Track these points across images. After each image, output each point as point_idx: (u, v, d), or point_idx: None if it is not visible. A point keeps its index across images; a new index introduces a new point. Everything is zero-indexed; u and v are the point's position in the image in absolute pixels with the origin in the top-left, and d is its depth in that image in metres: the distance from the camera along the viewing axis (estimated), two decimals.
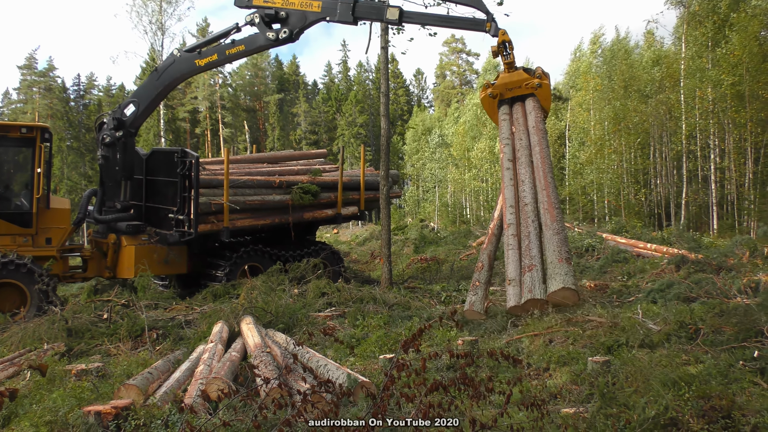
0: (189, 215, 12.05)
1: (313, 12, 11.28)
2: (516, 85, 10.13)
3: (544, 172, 9.32)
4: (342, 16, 11.01)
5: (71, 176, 53.11)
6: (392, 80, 64.77)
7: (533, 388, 5.45)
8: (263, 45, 11.99)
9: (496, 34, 9.95)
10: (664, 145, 30.66)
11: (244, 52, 12.25)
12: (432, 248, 22.54)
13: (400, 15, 10.63)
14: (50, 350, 7.65)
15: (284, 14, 11.51)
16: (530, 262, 8.53)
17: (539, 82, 9.90)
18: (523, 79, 10.01)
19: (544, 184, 9.19)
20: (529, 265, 8.51)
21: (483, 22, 10.09)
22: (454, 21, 10.50)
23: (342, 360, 6.96)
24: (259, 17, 11.65)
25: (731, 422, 4.10)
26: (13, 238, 11.14)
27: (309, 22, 11.46)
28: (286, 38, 11.57)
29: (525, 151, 9.71)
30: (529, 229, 8.87)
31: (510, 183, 9.52)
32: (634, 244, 17.07)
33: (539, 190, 9.20)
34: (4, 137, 11.33)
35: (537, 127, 9.74)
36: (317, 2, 11.23)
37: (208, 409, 4.75)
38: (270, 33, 11.59)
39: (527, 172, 9.45)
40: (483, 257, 9.69)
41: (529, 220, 8.95)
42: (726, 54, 24.58)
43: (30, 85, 61.62)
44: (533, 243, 8.71)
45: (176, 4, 33.94)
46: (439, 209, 46.91)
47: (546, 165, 9.41)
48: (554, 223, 8.73)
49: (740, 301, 7.55)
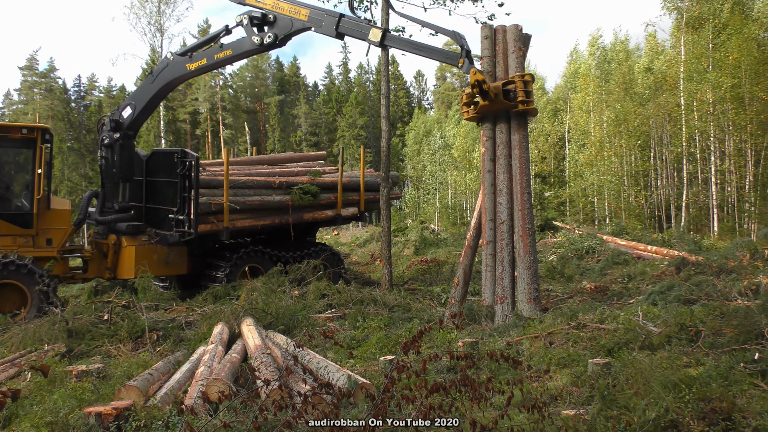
0: (189, 215, 12.06)
1: (299, 20, 11.25)
2: (499, 110, 9.26)
3: (521, 186, 9.00)
4: (326, 30, 10.95)
5: (72, 177, 53.10)
6: (393, 82, 64.85)
7: (534, 390, 5.45)
8: (249, 50, 11.94)
9: (467, 72, 9.15)
10: (665, 148, 30.68)
11: (231, 57, 12.20)
12: (432, 250, 22.56)
13: (382, 38, 10.43)
14: (51, 351, 7.65)
15: (272, 18, 11.48)
16: (502, 293, 8.86)
17: (523, 110, 9.04)
18: (505, 106, 9.10)
19: (520, 202, 8.97)
20: (501, 296, 8.86)
21: (456, 57, 9.53)
22: (429, 51, 10.20)
23: (342, 362, 6.96)
24: (248, 19, 11.64)
25: (732, 424, 4.10)
26: (14, 238, 11.15)
27: (295, 30, 11.39)
28: (271, 43, 11.51)
29: (505, 150, 9.24)
30: (503, 254, 8.98)
31: (490, 190, 9.24)
32: (635, 246, 17.08)
33: (515, 209, 9.00)
34: (5, 138, 11.34)
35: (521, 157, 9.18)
36: (305, 11, 11.20)
37: (208, 410, 4.75)
38: (255, 37, 11.57)
39: (505, 179, 9.12)
40: (459, 273, 9.70)
41: (504, 243, 9.00)
42: (725, 56, 24.60)
43: (31, 86, 61.73)
44: (506, 272, 8.93)
45: (174, 5, 34.02)
46: (439, 211, 46.91)
47: (524, 177, 9.04)
48: (527, 254, 8.85)
49: (741, 304, 7.54)
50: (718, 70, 25.09)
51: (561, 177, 40.03)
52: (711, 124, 26.39)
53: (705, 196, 27.57)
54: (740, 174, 25.95)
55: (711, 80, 25.21)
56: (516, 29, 9.34)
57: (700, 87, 25.91)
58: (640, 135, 31.03)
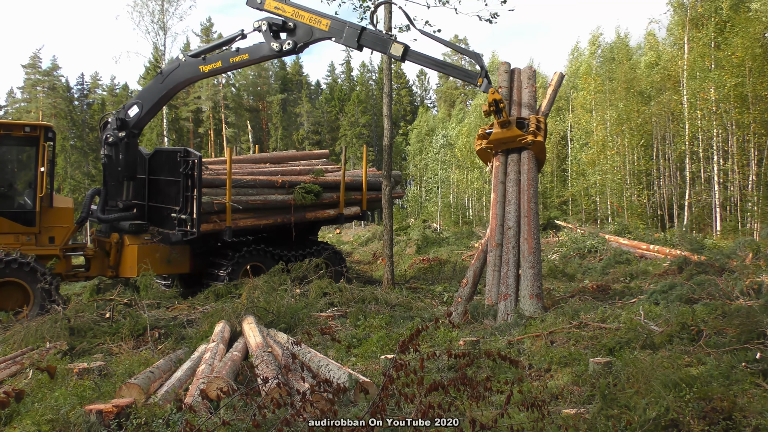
0: (192, 215, 12.07)
1: (320, 30, 11.20)
2: (510, 140, 9.78)
3: (529, 196, 9.58)
4: (347, 41, 10.94)
5: (74, 175, 53.26)
6: (395, 81, 64.84)
7: (534, 389, 5.45)
8: (267, 55, 11.92)
9: (486, 90, 9.57)
10: (667, 147, 30.60)
11: (247, 61, 12.19)
12: (434, 249, 22.55)
13: (404, 53, 10.47)
14: (53, 349, 7.68)
15: (292, 25, 11.40)
16: (506, 290, 9.16)
17: (532, 140, 9.59)
18: (516, 135, 9.64)
19: (527, 210, 9.51)
20: (505, 293, 9.13)
21: (476, 76, 9.88)
22: (448, 68, 10.81)
23: (343, 360, 6.96)
24: (266, 25, 11.55)
25: (732, 424, 4.09)
26: (17, 236, 11.17)
27: (314, 39, 11.36)
28: (290, 50, 11.49)
29: (515, 166, 9.92)
30: (509, 255, 9.40)
31: (501, 200, 9.83)
32: (637, 246, 17.05)
33: (522, 216, 9.52)
34: (8, 136, 11.36)
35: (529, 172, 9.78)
36: (326, 21, 11.14)
37: (209, 408, 4.76)
38: (274, 43, 11.52)
39: (514, 191, 9.73)
40: (469, 274, 10.02)
41: (510, 245, 9.45)
42: (728, 55, 24.52)
43: (34, 84, 61.81)
44: (511, 271, 9.28)
45: (177, 4, 34.05)
46: (441, 210, 46.87)
47: (531, 189, 9.63)
48: (531, 255, 9.24)
49: (743, 303, 7.53)
50: (721, 69, 25.01)
51: (563, 176, 39.96)
52: (714, 123, 26.32)
53: (708, 195, 27.48)
54: (743, 173, 25.86)
55: (714, 79, 25.13)
56: (530, 69, 10.70)
57: (703, 86, 25.83)
58: (642, 134, 30.95)
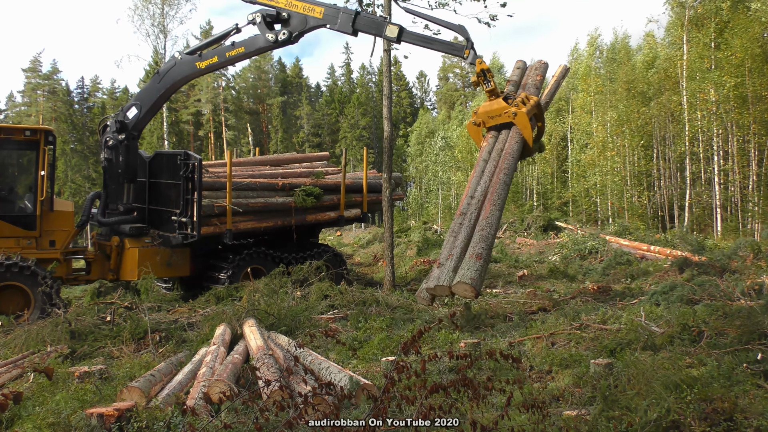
0: (192, 218, 12.07)
1: (314, 17, 11.35)
2: (496, 113, 10.12)
3: (500, 167, 9.62)
4: (342, 26, 11.09)
5: (75, 179, 53.30)
6: (395, 83, 64.84)
7: (535, 390, 5.44)
8: (263, 46, 12.05)
9: (473, 62, 9.99)
10: (668, 147, 30.60)
11: (244, 54, 12.31)
12: (435, 251, 22.50)
13: (399, 33, 10.71)
14: (53, 352, 7.67)
15: (286, 15, 11.57)
16: (449, 251, 8.94)
17: (515, 111, 9.85)
18: (501, 107, 9.98)
19: (496, 180, 9.51)
20: (448, 254, 8.90)
21: (462, 48, 10.16)
22: (437, 43, 10.80)
23: (344, 362, 6.96)
24: (260, 17, 11.72)
25: (733, 425, 4.09)
26: (17, 240, 11.17)
27: (309, 27, 11.52)
28: (285, 40, 11.63)
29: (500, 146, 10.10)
30: (465, 221, 9.30)
31: (479, 174, 9.94)
32: (638, 247, 17.05)
33: (490, 187, 9.53)
34: (8, 140, 11.36)
35: (508, 151, 9.94)
36: (320, 8, 11.29)
37: (210, 411, 4.76)
38: (269, 34, 11.66)
39: (492, 168, 9.82)
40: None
41: (471, 214, 9.37)
42: (728, 56, 24.53)
43: (34, 87, 61.89)
44: (462, 234, 9.10)
45: (178, 7, 34.11)
46: (442, 211, 46.87)
47: (506, 161, 9.69)
48: (484, 219, 9.11)
49: (744, 304, 7.53)
50: (721, 69, 25.02)
51: (563, 177, 39.96)
52: (714, 123, 26.32)
53: (708, 196, 27.48)
54: (743, 174, 25.87)
55: (714, 79, 25.14)
56: (540, 62, 11.24)
57: (703, 86, 25.84)
58: (642, 135, 30.96)
